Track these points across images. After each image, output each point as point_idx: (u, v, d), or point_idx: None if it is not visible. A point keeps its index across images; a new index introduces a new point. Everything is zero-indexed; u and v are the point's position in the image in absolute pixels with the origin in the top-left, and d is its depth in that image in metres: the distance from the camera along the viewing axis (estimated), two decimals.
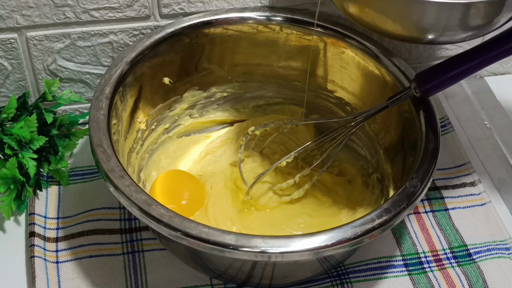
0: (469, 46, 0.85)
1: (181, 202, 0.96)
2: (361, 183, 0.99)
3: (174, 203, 0.95)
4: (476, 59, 0.81)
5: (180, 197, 0.96)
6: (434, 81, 0.84)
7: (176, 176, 1.00)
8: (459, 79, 0.83)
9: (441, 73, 0.83)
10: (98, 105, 0.86)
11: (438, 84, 0.84)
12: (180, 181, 0.99)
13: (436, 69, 0.84)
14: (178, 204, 0.95)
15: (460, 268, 0.91)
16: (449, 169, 1.03)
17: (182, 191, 0.97)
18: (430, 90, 0.84)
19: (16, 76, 1.02)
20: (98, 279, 0.89)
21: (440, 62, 0.84)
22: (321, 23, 0.97)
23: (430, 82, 0.84)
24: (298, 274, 0.86)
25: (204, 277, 0.89)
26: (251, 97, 1.07)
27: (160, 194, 0.95)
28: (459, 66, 0.82)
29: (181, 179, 0.99)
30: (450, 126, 1.08)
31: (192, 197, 0.97)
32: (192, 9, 1.00)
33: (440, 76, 0.83)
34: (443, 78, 0.83)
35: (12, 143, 0.92)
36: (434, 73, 0.84)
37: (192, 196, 0.97)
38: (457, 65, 0.82)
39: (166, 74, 0.98)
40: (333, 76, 1.00)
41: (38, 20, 0.96)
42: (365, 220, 0.75)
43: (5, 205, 0.92)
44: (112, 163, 0.80)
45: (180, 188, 0.97)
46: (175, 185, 0.98)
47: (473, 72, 0.82)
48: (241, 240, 0.73)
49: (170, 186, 0.97)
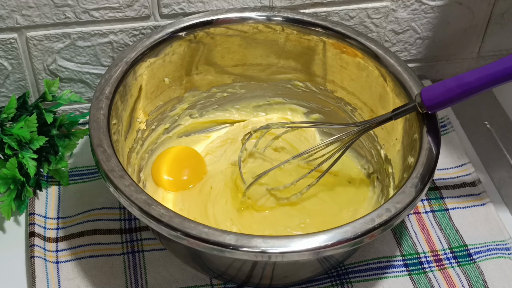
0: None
1: (182, 177, 0.99)
2: (361, 183, 0.99)
3: (173, 176, 0.99)
4: (485, 80, 0.80)
5: (180, 172, 1.00)
6: (439, 99, 0.83)
7: (180, 151, 1.03)
8: (464, 98, 0.82)
9: (447, 92, 0.82)
10: (98, 105, 0.86)
11: (443, 103, 0.83)
12: (182, 156, 1.02)
13: (442, 87, 0.83)
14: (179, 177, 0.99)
15: (460, 268, 0.91)
16: (449, 169, 1.03)
17: (183, 166, 1.00)
18: (434, 108, 0.84)
19: (16, 76, 1.02)
20: (98, 279, 0.89)
21: (447, 80, 0.83)
22: (321, 23, 0.97)
23: (435, 100, 0.83)
24: (298, 274, 0.86)
25: (204, 277, 0.89)
26: (251, 97, 1.07)
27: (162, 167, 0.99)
28: (465, 86, 0.81)
29: (183, 154, 1.02)
30: (450, 126, 1.08)
31: (192, 172, 1.00)
32: (192, 9, 1.00)
33: (446, 95, 0.82)
34: (449, 98, 0.82)
35: (12, 143, 0.92)
36: (440, 91, 0.83)
37: (192, 170, 1.01)
38: (464, 85, 0.81)
39: (166, 74, 0.98)
40: (333, 76, 1.00)
41: (38, 20, 0.96)
42: (365, 220, 0.75)
43: (5, 205, 0.92)
44: (112, 163, 0.80)
45: (182, 163, 1.01)
46: (177, 159, 1.01)
47: (479, 92, 0.81)
48: (241, 240, 0.73)
49: (172, 160, 1.00)
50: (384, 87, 0.94)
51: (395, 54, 0.94)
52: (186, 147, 1.03)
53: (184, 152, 1.02)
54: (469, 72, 0.81)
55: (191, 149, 1.03)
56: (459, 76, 0.82)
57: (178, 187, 0.98)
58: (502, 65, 0.78)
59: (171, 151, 1.02)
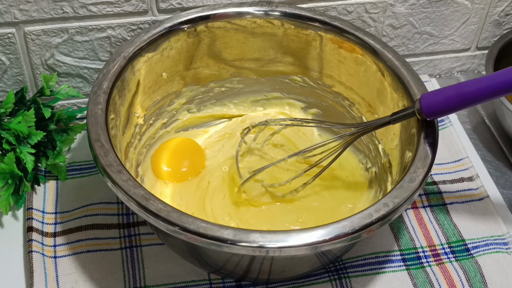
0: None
1: (181, 169, 1.00)
2: (359, 177, 0.99)
3: (173, 167, 0.99)
4: (485, 91, 0.79)
5: (180, 163, 1.00)
6: (438, 108, 0.82)
7: (180, 143, 1.03)
8: (464, 107, 0.81)
9: (446, 100, 0.81)
10: (96, 100, 0.86)
11: (442, 111, 0.82)
12: (182, 148, 1.02)
13: (441, 94, 0.82)
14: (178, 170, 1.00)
15: (458, 263, 0.91)
16: (447, 164, 1.03)
17: (183, 158, 1.01)
18: (433, 115, 0.83)
19: (14, 71, 1.02)
20: (96, 274, 0.89)
21: (448, 88, 0.82)
22: (319, 17, 0.97)
23: (434, 108, 0.82)
24: (296, 269, 0.86)
25: (202, 272, 0.89)
26: (249, 92, 1.07)
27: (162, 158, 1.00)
28: (465, 96, 0.80)
29: (183, 146, 1.02)
30: (448, 120, 1.08)
31: (191, 163, 1.01)
32: (189, 4, 1.00)
33: (445, 104, 0.81)
34: (448, 107, 0.81)
35: (10, 138, 0.92)
36: (439, 99, 0.82)
37: (192, 162, 1.01)
38: (464, 95, 0.80)
39: (164, 69, 0.98)
40: (330, 71, 1.00)
41: (36, 15, 0.96)
42: (363, 215, 0.75)
43: (3, 200, 0.92)
44: (110, 158, 0.80)
45: (182, 154, 1.01)
46: (177, 151, 1.01)
47: (479, 103, 0.80)
48: (239, 235, 0.73)
49: (173, 151, 1.01)
50: (382, 82, 0.94)
51: (393, 49, 0.94)
52: (188, 139, 1.04)
53: (185, 144, 1.02)
54: (470, 81, 0.80)
55: (193, 141, 1.03)
56: (459, 85, 0.81)
57: (177, 178, 0.98)
58: (504, 77, 0.77)
59: (172, 142, 1.02)
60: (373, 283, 0.89)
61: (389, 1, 1.06)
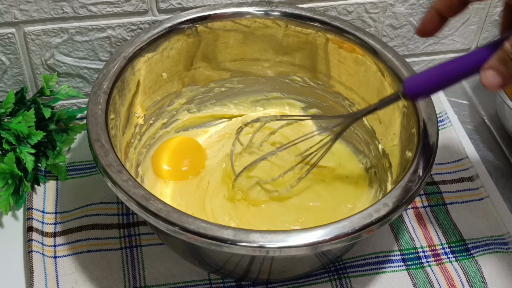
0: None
1: (181, 167, 1.00)
2: (359, 177, 0.99)
3: (173, 166, 0.99)
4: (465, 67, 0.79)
5: (181, 162, 1.00)
6: (420, 88, 0.82)
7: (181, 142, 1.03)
8: (446, 86, 0.81)
9: (427, 80, 0.81)
10: (96, 100, 0.86)
11: (424, 91, 0.82)
12: (183, 147, 1.02)
13: (423, 75, 0.82)
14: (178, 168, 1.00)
15: (458, 263, 0.91)
16: (447, 163, 1.03)
17: (184, 157, 1.01)
18: (416, 96, 0.83)
19: (14, 71, 1.02)
20: (96, 274, 0.89)
21: (430, 69, 0.82)
22: (319, 17, 0.97)
23: (416, 88, 0.82)
24: (296, 269, 0.86)
25: (202, 272, 0.90)
26: (249, 92, 1.07)
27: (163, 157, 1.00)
28: (446, 73, 0.80)
29: (184, 145, 1.03)
30: (448, 120, 1.08)
31: (192, 163, 1.01)
32: (190, 4, 1.00)
33: (427, 83, 0.81)
34: (429, 86, 0.82)
35: (10, 138, 0.92)
36: (421, 78, 0.82)
37: (193, 161, 1.01)
38: (444, 73, 0.80)
39: (164, 69, 0.98)
40: (331, 71, 1.00)
41: (36, 15, 0.96)
42: (363, 215, 0.75)
43: (3, 200, 0.92)
44: (110, 158, 0.80)
45: (183, 153, 1.01)
46: (178, 149, 1.02)
47: (461, 80, 0.80)
48: (239, 235, 0.73)
49: (174, 149, 1.01)
50: (382, 82, 0.94)
51: (393, 49, 0.94)
52: (189, 138, 1.04)
53: (186, 143, 1.03)
54: (452, 60, 0.80)
55: (194, 140, 1.04)
56: (441, 64, 0.81)
57: (177, 177, 0.98)
58: (485, 52, 0.77)
59: (174, 141, 1.02)
60: (373, 283, 0.89)
61: (389, 1, 1.06)
